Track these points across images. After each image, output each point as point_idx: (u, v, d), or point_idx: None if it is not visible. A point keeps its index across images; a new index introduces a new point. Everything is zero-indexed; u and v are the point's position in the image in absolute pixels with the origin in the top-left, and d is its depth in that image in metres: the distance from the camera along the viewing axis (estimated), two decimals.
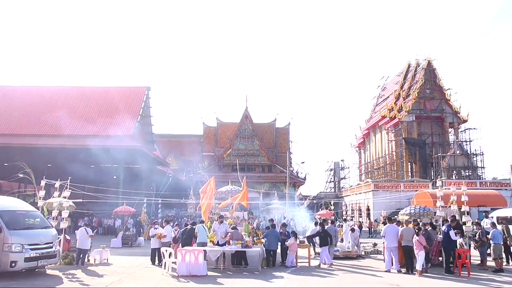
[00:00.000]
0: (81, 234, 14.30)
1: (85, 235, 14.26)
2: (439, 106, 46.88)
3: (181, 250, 12.48)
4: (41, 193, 16.25)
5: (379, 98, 58.99)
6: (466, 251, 12.67)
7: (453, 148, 43.22)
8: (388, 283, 11.27)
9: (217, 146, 55.89)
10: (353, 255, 17.09)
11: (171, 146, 60.62)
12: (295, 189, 52.17)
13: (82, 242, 14.17)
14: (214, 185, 17.25)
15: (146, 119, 42.49)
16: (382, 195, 37.84)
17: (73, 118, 37.11)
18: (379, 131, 53.95)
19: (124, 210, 27.77)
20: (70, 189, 16.32)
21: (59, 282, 11.25)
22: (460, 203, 15.06)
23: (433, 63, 48.04)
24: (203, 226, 14.35)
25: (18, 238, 11.38)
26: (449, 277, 12.02)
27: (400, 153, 46.85)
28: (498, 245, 13.05)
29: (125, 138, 35.28)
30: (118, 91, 41.03)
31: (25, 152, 32.27)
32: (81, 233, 14.35)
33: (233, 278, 11.89)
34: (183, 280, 11.50)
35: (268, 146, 54.72)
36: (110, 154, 33.21)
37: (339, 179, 58.96)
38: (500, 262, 13.12)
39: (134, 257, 16.88)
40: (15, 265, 11.07)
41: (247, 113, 54.19)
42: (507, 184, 37.80)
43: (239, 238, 13.69)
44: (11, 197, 15.73)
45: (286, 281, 11.65)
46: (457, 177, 42.13)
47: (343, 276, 12.56)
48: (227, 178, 27.91)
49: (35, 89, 41.52)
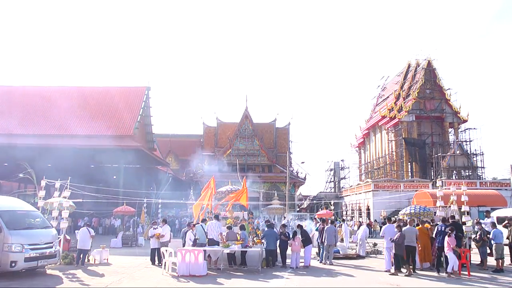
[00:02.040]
0: (83, 234, 14.32)
1: (86, 235, 14.28)
2: (439, 106, 46.88)
3: (181, 250, 12.48)
4: (41, 193, 16.26)
5: (379, 98, 58.97)
6: (466, 251, 12.67)
7: (453, 148, 43.21)
8: (388, 283, 11.28)
9: (217, 146, 55.90)
10: (353, 255, 17.13)
11: (171, 146, 60.66)
12: (295, 189, 52.16)
13: (83, 242, 14.19)
14: (214, 185, 17.26)
15: (146, 119, 42.50)
16: (382, 195, 37.83)
17: (73, 118, 37.14)
18: (379, 131, 53.95)
19: (124, 210, 27.79)
20: (70, 189, 16.33)
21: (59, 282, 11.26)
22: (460, 203, 15.07)
23: (433, 63, 48.02)
24: (202, 226, 14.32)
25: (18, 238, 11.38)
26: (449, 277, 12.00)
27: (400, 153, 46.84)
28: (500, 245, 12.92)
29: (125, 138, 35.29)
30: (118, 91, 41.02)
31: (25, 152, 32.24)
32: (82, 233, 14.36)
33: (233, 278, 11.90)
34: (183, 280, 11.50)
35: (268, 146, 54.72)
36: (110, 154, 33.21)
37: (339, 179, 58.94)
38: (502, 262, 13.01)
39: (134, 257, 16.89)
40: (15, 265, 11.07)
41: (247, 113, 54.18)
42: (507, 184, 37.79)
43: (234, 238, 13.68)
44: (11, 197, 15.75)
45: (286, 281, 11.65)
46: (457, 177, 42.10)
47: (343, 276, 12.56)
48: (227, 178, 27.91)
49: (35, 89, 41.50)
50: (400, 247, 12.39)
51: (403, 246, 12.40)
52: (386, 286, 11.01)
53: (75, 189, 18.48)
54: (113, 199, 29.87)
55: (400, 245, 12.36)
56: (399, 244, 12.38)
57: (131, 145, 34.61)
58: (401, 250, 12.41)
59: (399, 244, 12.38)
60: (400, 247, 12.39)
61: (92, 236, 14.55)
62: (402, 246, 12.38)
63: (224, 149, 53.35)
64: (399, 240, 12.35)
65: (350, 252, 17.53)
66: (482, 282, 11.39)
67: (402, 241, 12.37)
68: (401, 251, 12.42)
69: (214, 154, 54.81)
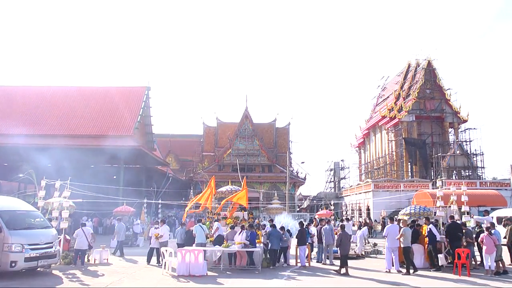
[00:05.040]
0: (79, 235, 14.33)
1: (82, 235, 14.27)
2: (439, 106, 46.85)
3: (181, 250, 12.48)
4: (41, 193, 16.27)
5: (379, 98, 58.94)
6: (466, 251, 12.66)
7: (453, 148, 43.18)
8: (388, 283, 11.28)
9: (217, 146, 55.91)
10: (353, 255, 17.10)
11: (171, 146, 60.68)
12: (295, 189, 52.15)
13: (80, 242, 14.18)
14: (214, 185, 17.26)
15: (146, 119, 42.50)
16: (382, 195, 37.80)
17: (73, 118, 37.16)
18: (379, 131, 53.93)
19: (124, 210, 27.78)
20: (70, 189, 16.34)
21: (59, 282, 11.26)
22: (460, 203, 15.06)
23: (433, 63, 47.97)
24: (201, 226, 14.32)
25: (18, 238, 11.39)
26: (449, 277, 12.00)
27: (400, 153, 46.81)
28: (499, 246, 12.82)
29: (125, 138, 35.30)
30: (118, 91, 41.02)
31: (25, 152, 32.28)
32: (78, 234, 14.37)
33: (233, 278, 11.90)
34: (183, 280, 11.50)
35: (268, 146, 54.71)
36: (110, 154, 33.22)
37: (339, 179, 58.91)
38: (503, 263, 12.78)
39: (134, 257, 16.89)
40: (15, 265, 11.08)
41: (247, 113, 54.17)
42: (507, 184, 37.76)
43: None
44: (11, 197, 15.75)
45: (286, 281, 11.66)
46: (457, 177, 42.07)
47: (343, 276, 12.55)
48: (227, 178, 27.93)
49: (35, 89, 41.52)
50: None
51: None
52: (386, 286, 11.01)
53: (75, 189, 18.49)
54: (113, 199, 29.87)
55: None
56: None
57: (131, 145, 34.61)
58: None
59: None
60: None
61: (92, 235, 14.56)
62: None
63: (224, 149, 53.33)
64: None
65: (349, 252, 17.48)
66: (482, 282, 11.37)
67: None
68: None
69: (214, 154, 54.85)
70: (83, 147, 32.67)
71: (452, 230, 13.33)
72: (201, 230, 14.05)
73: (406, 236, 12.71)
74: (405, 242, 12.66)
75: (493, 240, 12.15)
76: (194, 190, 44.98)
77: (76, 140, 33.90)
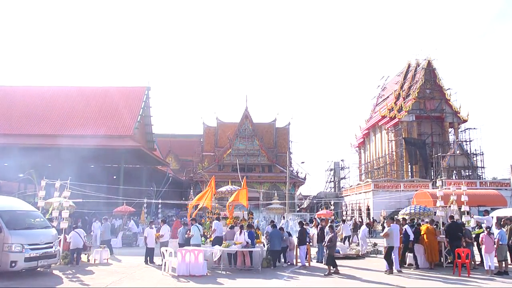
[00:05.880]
0: (74, 237, 14.42)
1: (77, 236, 14.36)
2: (439, 106, 46.84)
3: (181, 250, 12.48)
4: (41, 193, 16.27)
5: (379, 98, 58.94)
6: (466, 251, 12.65)
7: (453, 148, 43.17)
8: (388, 283, 11.27)
9: (217, 146, 55.91)
10: (353, 255, 17.12)
11: (171, 146, 60.68)
12: (295, 189, 52.14)
13: (76, 243, 14.27)
14: (214, 185, 17.26)
15: (146, 119, 42.51)
16: (382, 195, 37.77)
17: (73, 118, 37.15)
18: (379, 131, 53.92)
19: (124, 210, 27.79)
20: (70, 189, 16.34)
21: (59, 282, 11.26)
22: (460, 203, 15.05)
23: (433, 63, 47.96)
24: (197, 226, 14.27)
25: (18, 238, 11.39)
26: (449, 278, 11.99)
27: (400, 153, 46.80)
28: (504, 246, 12.60)
29: (125, 138, 35.29)
30: (118, 91, 41.02)
31: (26, 152, 32.25)
32: (73, 236, 14.48)
33: (233, 278, 11.90)
34: (183, 280, 11.50)
35: (268, 146, 54.71)
36: (110, 154, 33.19)
37: (339, 179, 58.92)
38: (506, 264, 12.68)
39: (134, 257, 16.89)
40: (15, 265, 11.08)
41: (247, 113, 54.17)
42: (507, 184, 37.75)
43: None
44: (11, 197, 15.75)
45: (286, 281, 11.65)
46: (457, 177, 42.06)
47: (343, 276, 12.55)
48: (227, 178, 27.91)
49: (35, 89, 41.52)
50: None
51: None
52: (386, 286, 11.01)
53: (75, 189, 18.49)
54: (113, 199, 29.88)
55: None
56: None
57: (131, 145, 34.60)
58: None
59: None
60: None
61: (85, 236, 14.70)
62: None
63: (224, 149, 53.34)
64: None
65: (350, 252, 17.51)
66: (482, 282, 11.36)
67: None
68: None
69: (214, 154, 54.84)
70: (83, 147, 32.64)
71: (452, 230, 13.34)
72: (197, 230, 14.07)
73: (391, 235, 12.73)
74: (389, 241, 12.67)
75: (493, 239, 12.10)
76: (194, 190, 44.94)
77: (76, 140, 33.88)
